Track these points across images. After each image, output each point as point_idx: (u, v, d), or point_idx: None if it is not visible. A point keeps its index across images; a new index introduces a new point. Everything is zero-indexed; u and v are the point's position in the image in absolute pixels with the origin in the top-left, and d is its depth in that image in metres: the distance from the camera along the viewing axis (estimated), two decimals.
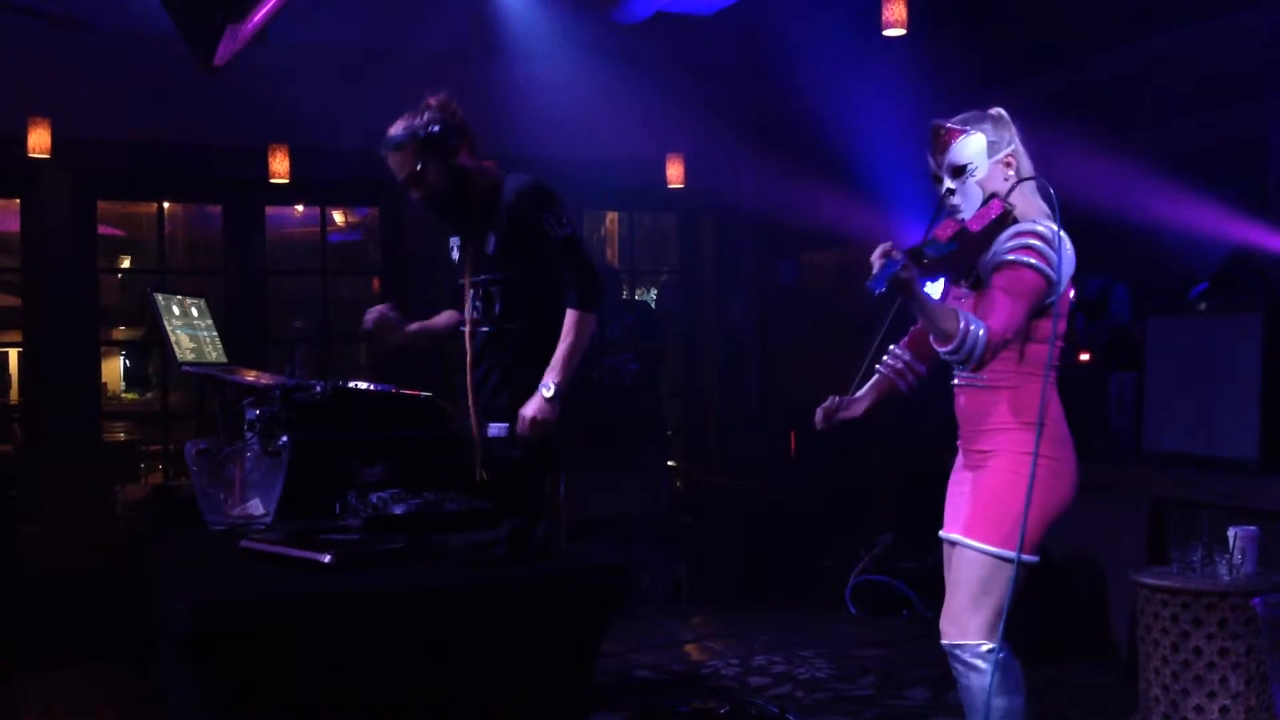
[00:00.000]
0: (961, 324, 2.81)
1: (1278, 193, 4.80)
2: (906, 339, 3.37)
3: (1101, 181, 4.95)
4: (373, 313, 3.90)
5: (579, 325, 3.68)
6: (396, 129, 3.67)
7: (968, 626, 2.99)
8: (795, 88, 7.47)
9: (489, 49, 6.69)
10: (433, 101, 3.71)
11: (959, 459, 3.19)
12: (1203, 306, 4.60)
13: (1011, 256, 2.91)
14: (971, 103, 3.12)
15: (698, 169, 7.36)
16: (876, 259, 2.70)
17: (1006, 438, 3.01)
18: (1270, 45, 4.80)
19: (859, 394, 3.35)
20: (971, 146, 3.01)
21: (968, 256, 2.96)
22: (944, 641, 3.05)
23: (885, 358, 3.36)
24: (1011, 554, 2.93)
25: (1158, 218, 5.12)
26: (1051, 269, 2.90)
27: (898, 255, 2.70)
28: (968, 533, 3.02)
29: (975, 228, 2.92)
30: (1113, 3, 5.47)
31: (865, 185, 6.76)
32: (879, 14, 5.28)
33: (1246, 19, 4.90)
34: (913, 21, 5.31)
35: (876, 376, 3.36)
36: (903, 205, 6.69)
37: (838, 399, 3.31)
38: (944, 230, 2.92)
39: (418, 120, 3.66)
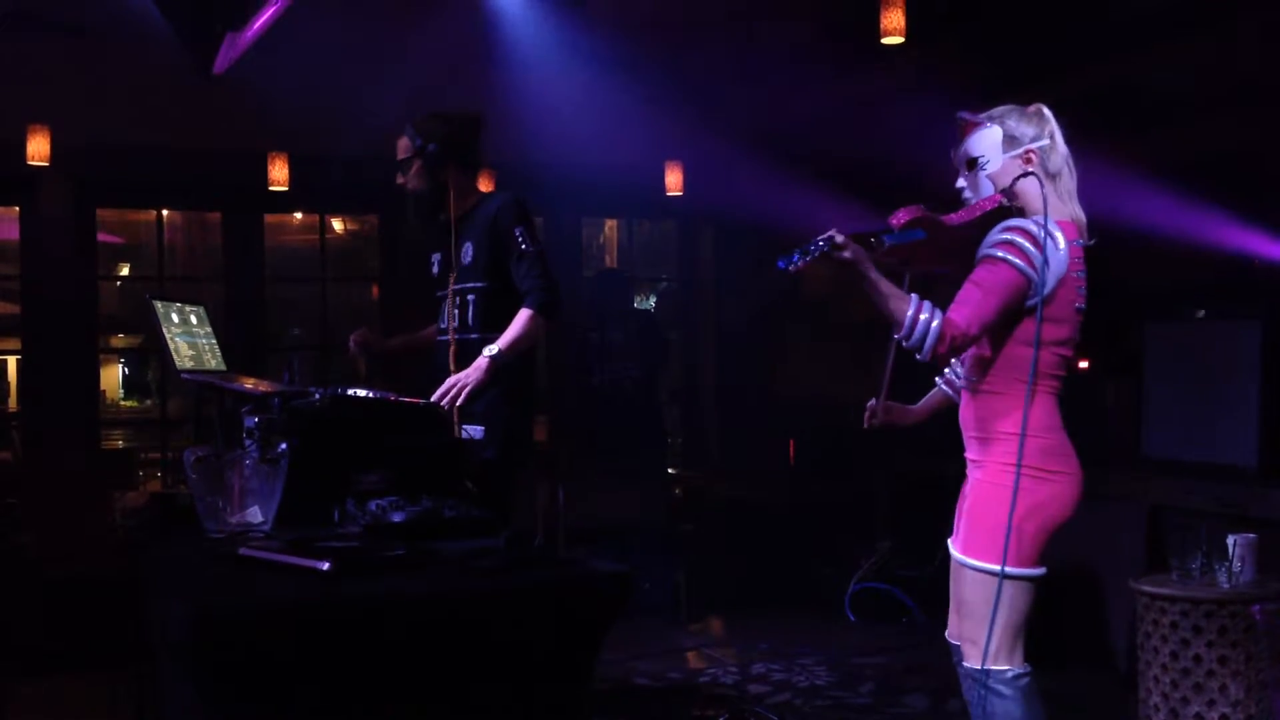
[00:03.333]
0: (911, 310, 2.72)
1: (1277, 199, 4.81)
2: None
3: (1102, 188, 4.95)
4: (355, 336, 4.22)
5: (530, 322, 3.82)
6: (416, 120, 3.89)
7: (985, 650, 2.85)
8: (794, 95, 7.48)
9: (488, 57, 6.69)
10: (455, 116, 3.92)
11: (967, 467, 3.11)
12: (1201, 313, 4.61)
13: (990, 250, 2.81)
14: (969, 111, 3.08)
15: (697, 176, 7.37)
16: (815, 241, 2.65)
17: (993, 447, 2.91)
18: (1270, 51, 4.80)
19: (914, 406, 3.28)
20: (986, 139, 2.96)
21: (952, 249, 2.87)
22: (966, 664, 2.95)
23: (948, 372, 3.28)
24: (1011, 570, 2.82)
25: (1158, 224, 5.13)
26: (1033, 268, 2.77)
27: (838, 237, 2.66)
28: (965, 551, 2.93)
29: (955, 220, 2.82)
30: (1113, 10, 5.48)
31: (864, 193, 6.76)
32: (878, 21, 5.29)
33: (1247, 25, 4.90)
34: (912, 29, 5.31)
35: (936, 389, 3.31)
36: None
37: (884, 405, 3.20)
38: (899, 217, 2.79)
39: (430, 125, 3.87)
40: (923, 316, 2.71)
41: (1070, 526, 3.05)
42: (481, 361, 3.76)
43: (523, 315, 3.82)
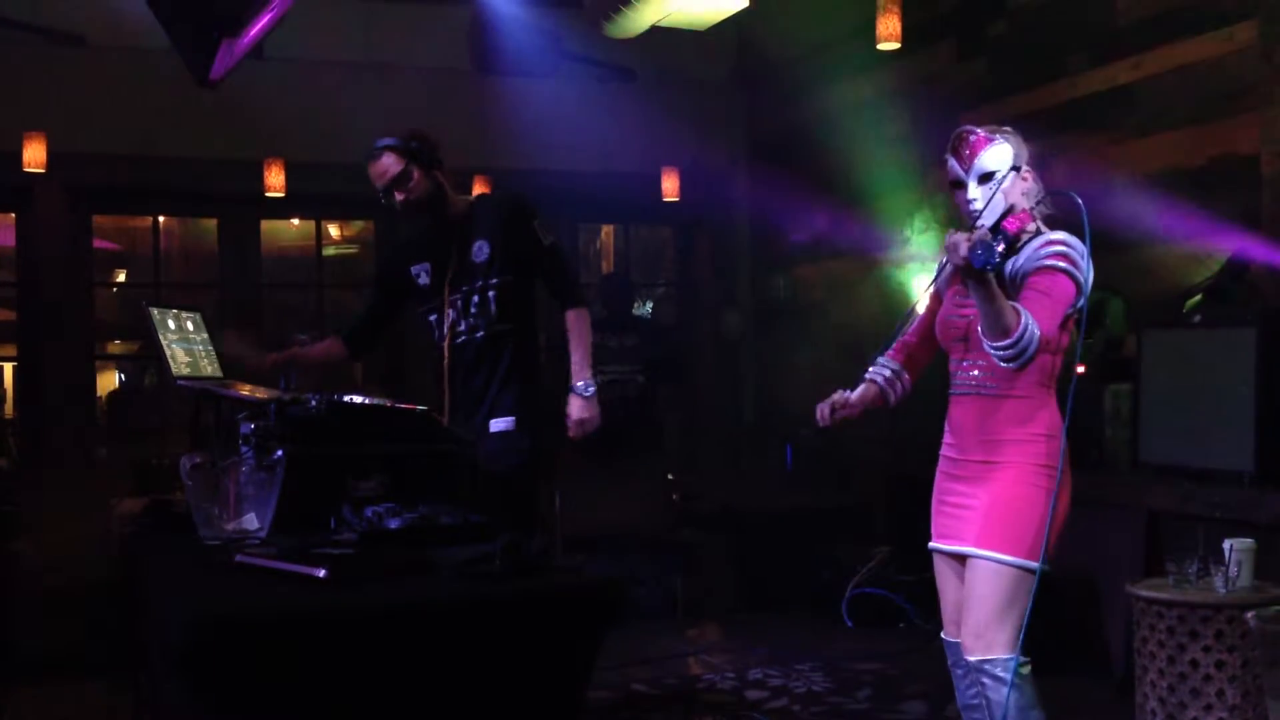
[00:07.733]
0: (1022, 319, 2.80)
1: (1272, 206, 4.81)
2: (894, 350, 3.32)
3: (1096, 195, 4.96)
4: (228, 336, 4.12)
5: (583, 322, 3.96)
6: (395, 137, 3.89)
7: (995, 641, 2.98)
8: (789, 102, 7.49)
9: (484, 64, 6.71)
10: (413, 129, 3.95)
11: (949, 468, 3.17)
12: (1197, 319, 4.60)
13: (1049, 262, 2.93)
14: (965, 118, 3.13)
15: (693, 183, 7.38)
16: (962, 241, 2.70)
17: (1018, 449, 3.00)
18: (1265, 58, 4.81)
19: (853, 396, 3.28)
20: (1001, 155, 3.04)
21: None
22: (971, 658, 3.03)
23: (875, 366, 3.30)
24: (1033, 564, 2.96)
25: (1152, 231, 5.13)
26: (1083, 279, 2.94)
27: (990, 240, 2.71)
28: (986, 545, 3.00)
29: (1014, 228, 2.92)
30: (1107, 17, 5.49)
31: (858, 199, 6.77)
32: (873, 29, 5.30)
33: (1241, 32, 4.91)
34: (906, 36, 5.33)
35: (866, 384, 3.30)
36: (896, 219, 6.71)
37: (842, 395, 3.25)
38: (1013, 224, 2.89)
39: (409, 136, 3.89)
40: (1030, 325, 2.80)
41: (1069, 531, 3.09)
42: (586, 405, 3.90)
43: (575, 320, 3.95)
